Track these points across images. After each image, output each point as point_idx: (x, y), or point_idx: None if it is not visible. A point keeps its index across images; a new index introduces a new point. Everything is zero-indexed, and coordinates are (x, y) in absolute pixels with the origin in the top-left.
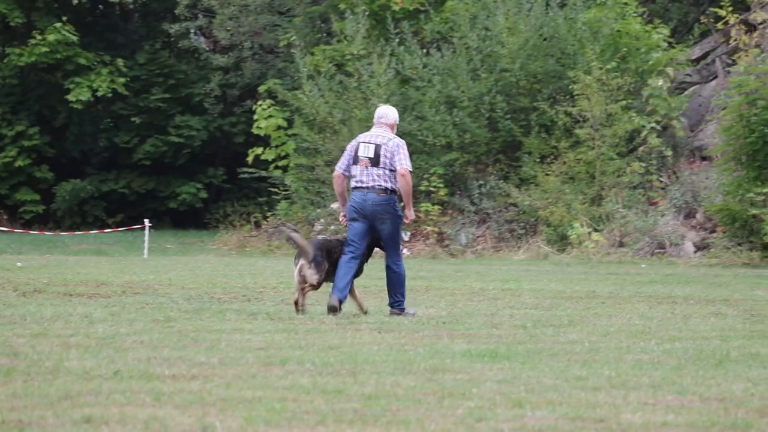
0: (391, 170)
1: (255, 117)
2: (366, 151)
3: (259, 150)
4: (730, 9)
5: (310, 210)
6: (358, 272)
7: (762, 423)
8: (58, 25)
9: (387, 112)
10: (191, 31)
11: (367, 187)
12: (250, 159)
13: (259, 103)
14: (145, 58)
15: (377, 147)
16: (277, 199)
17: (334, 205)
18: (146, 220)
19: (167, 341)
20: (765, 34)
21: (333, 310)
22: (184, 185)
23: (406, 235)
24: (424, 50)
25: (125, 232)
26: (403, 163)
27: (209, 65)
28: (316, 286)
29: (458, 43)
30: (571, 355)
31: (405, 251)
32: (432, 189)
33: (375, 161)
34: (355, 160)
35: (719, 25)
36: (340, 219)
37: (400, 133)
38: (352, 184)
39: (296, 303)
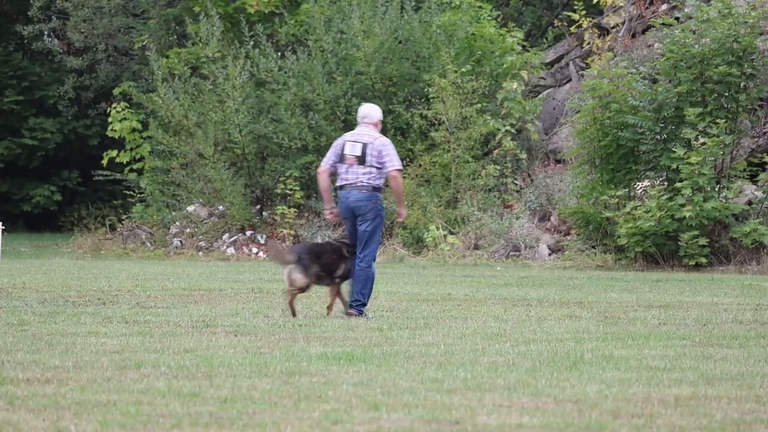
0: (377, 168)
1: (109, 119)
2: (353, 150)
3: (113, 153)
4: (584, 13)
5: (165, 213)
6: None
7: (616, 424)
8: None
9: (370, 112)
10: (45, 33)
11: (352, 185)
12: (104, 162)
13: (114, 105)
14: None
15: (364, 146)
16: (132, 202)
17: (191, 208)
18: None
19: (21, 345)
20: (618, 38)
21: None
22: (38, 188)
23: (261, 238)
24: (279, 53)
25: None
26: (395, 163)
27: (63, 67)
28: (303, 289)
29: (313, 46)
30: (426, 358)
31: (261, 254)
32: (288, 192)
33: (361, 160)
34: (341, 158)
35: (572, 29)
36: (327, 215)
37: (256, 136)
38: (338, 182)
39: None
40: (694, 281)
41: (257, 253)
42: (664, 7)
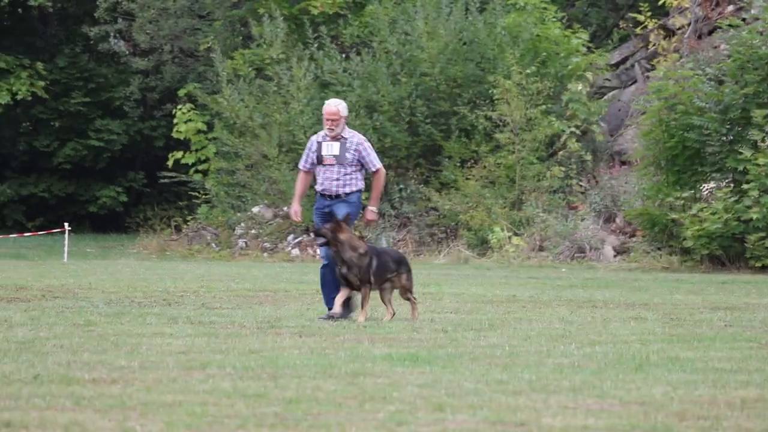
0: None
1: (175, 121)
2: None
3: (179, 154)
4: (649, 14)
5: (230, 214)
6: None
7: (681, 426)
8: None
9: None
10: (111, 34)
11: None
12: (170, 163)
13: (179, 106)
14: (65, 61)
15: None
16: (198, 203)
17: (256, 209)
18: (66, 224)
19: (87, 345)
20: (683, 39)
21: None
22: (104, 189)
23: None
24: (344, 54)
25: (45, 236)
26: None
27: (129, 69)
28: None
29: (378, 48)
30: (491, 359)
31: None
32: None
33: None
34: None
35: (638, 30)
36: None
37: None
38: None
39: None
40: (761, 283)
41: None
42: (731, 8)
